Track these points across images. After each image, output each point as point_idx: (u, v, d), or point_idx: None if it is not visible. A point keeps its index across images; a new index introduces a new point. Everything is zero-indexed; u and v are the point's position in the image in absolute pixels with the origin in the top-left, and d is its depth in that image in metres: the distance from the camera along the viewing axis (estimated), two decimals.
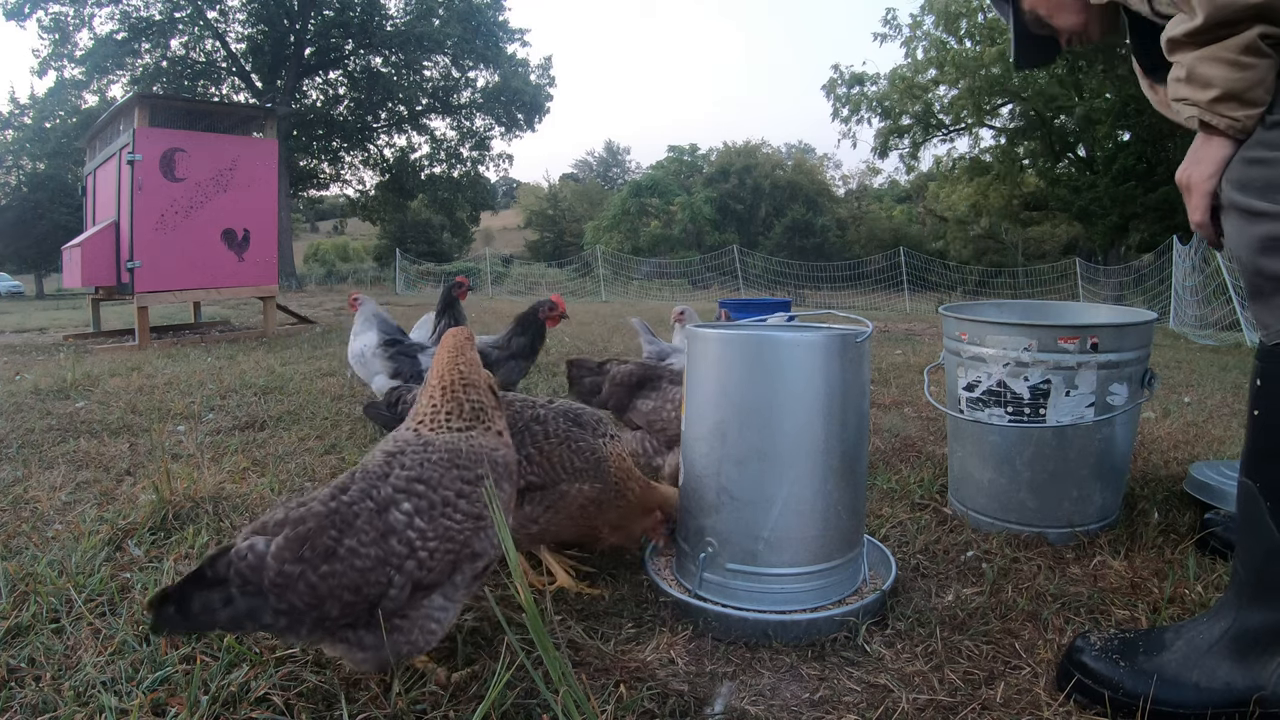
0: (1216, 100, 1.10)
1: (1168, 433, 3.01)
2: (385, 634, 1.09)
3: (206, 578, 1.03)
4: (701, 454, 1.49)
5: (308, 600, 1.03)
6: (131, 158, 5.94)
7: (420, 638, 1.13)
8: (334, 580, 1.04)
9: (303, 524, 1.07)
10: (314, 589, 1.03)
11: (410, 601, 1.11)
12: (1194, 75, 1.11)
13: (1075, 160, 22.42)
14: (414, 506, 1.12)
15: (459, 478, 1.17)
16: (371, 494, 1.12)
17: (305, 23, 22.60)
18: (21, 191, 25.38)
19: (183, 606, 1.01)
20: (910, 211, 38.52)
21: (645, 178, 41.06)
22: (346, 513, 1.09)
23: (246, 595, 1.02)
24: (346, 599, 1.05)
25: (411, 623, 1.12)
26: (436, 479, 1.15)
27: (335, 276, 30.56)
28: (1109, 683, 1.15)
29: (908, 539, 1.85)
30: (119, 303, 7.16)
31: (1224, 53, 1.06)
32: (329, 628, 1.07)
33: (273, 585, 1.02)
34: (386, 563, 1.07)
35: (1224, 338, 8.30)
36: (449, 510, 1.14)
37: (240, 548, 1.05)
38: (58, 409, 3.31)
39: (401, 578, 1.08)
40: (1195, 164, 1.17)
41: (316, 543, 1.05)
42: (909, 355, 5.63)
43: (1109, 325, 1.76)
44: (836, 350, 1.42)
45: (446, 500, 1.14)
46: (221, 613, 1.02)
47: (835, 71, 25.88)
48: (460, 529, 1.14)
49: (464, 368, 1.29)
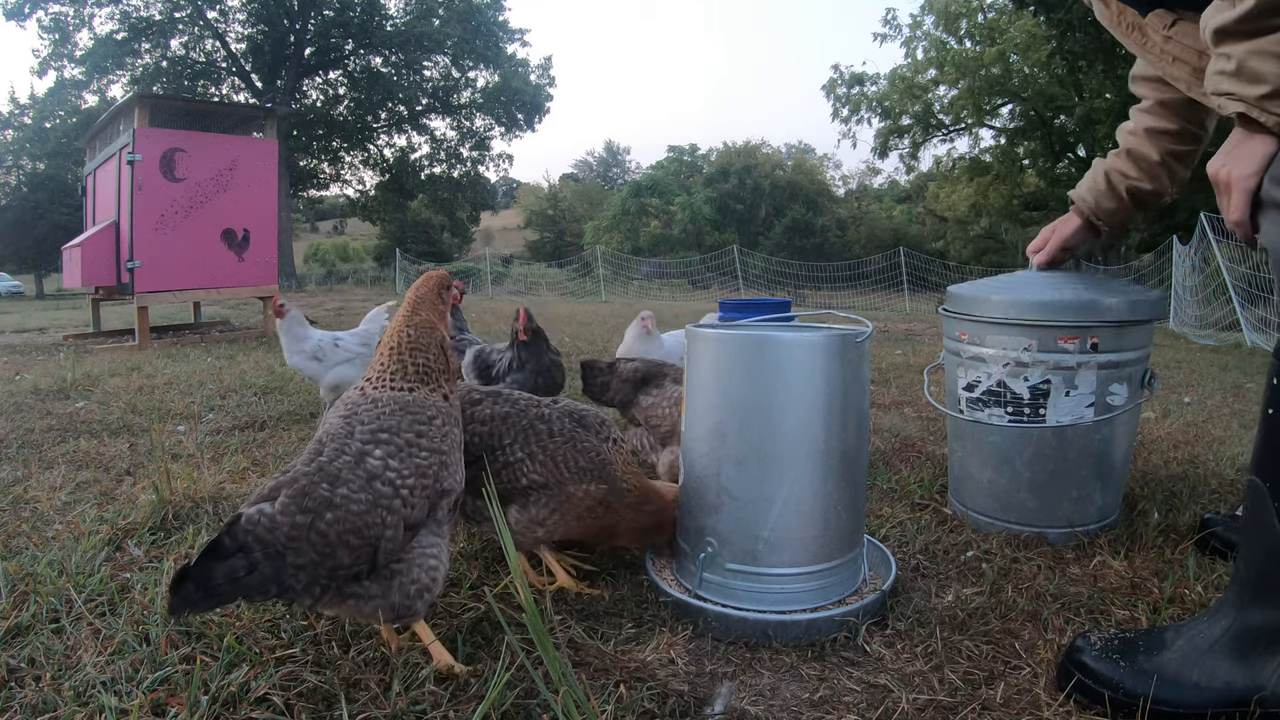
0: (1266, 97, 1.05)
1: (1168, 433, 3.01)
2: (391, 579, 1.16)
3: (225, 547, 1.04)
4: (701, 454, 1.49)
5: (320, 549, 1.08)
6: (131, 158, 5.94)
7: (424, 575, 1.20)
8: (340, 526, 1.10)
9: (296, 483, 1.12)
10: (324, 536, 1.08)
11: (405, 542, 1.19)
12: (1244, 69, 1.06)
13: (1075, 160, 22.41)
14: (385, 452, 1.21)
15: (414, 420, 1.27)
16: (344, 450, 1.20)
17: (305, 23, 22.61)
18: (21, 191, 25.38)
19: (203, 581, 1.01)
20: (910, 211, 38.51)
21: (645, 178, 41.07)
22: (330, 468, 1.16)
23: (269, 559, 1.05)
24: (353, 543, 1.11)
25: (409, 564, 1.19)
26: (395, 425, 1.25)
27: (335, 276, 30.56)
28: (1109, 682, 1.15)
29: (908, 539, 1.85)
30: (119, 303, 7.17)
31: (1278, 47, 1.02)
32: (341, 579, 1.12)
33: (288, 539, 1.06)
34: (378, 504, 1.15)
35: (1224, 338, 8.30)
36: (414, 450, 1.23)
37: (249, 514, 1.07)
38: (58, 409, 3.31)
39: (393, 517, 1.16)
40: (1235, 161, 1.12)
41: (314, 494, 1.11)
42: (909, 355, 5.63)
43: (1109, 324, 1.75)
44: (836, 350, 1.42)
45: (410, 442, 1.24)
46: (246, 580, 1.03)
47: (835, 71, 25.95)
48: (429, 464, 1.23)
49: (413, 330, 1.38)
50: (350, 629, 1.34)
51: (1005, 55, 21.69)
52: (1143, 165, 1.78)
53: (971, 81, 22.37)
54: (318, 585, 1.10)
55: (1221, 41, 1.09)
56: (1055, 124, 22.00)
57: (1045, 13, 14.88)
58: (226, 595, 1.03)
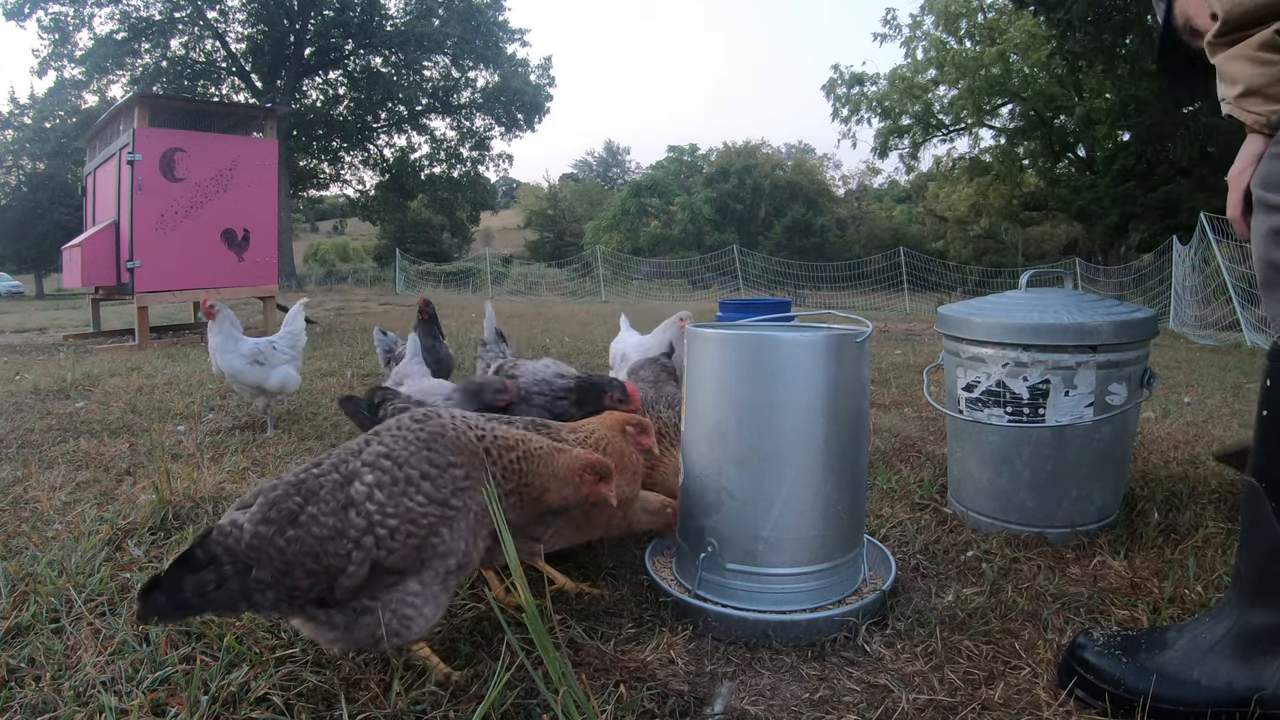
0: (1242, 96, 1.14)
1: (1168, 433, 3.01)
2: (354, 614, 1.09)
3: (198, 559, 1.02)
4: (701, 454, 1.49)
5: (277, 566, 1.04)
6: (131, 158, 5.95)
7: (395, 623, 1.10)
8: (296, 546, 1.04)
9: (274, 491, 1.09)
10: (281, 553, 1.04)
11: (375, 582, 1.09)
12: (1223, 73, 1.16)
13: (1075, 160, 22.43)
14: (375, 479, 1.11)
15: (427, 459, 1.15)
16: (340, 467, 1.13)
17: (305, 23, 22.60)
18: (21, 191, 25.38)
19: (173, 592, 1.01)
20: (910, 211, 38.51)
21: (645, 178, 41.07)
22: (313, 483, 1.10)
23: (238, 574, 1.03)
24: (310, 567, 1.05)
25: (383, 606, 1.10)
26: (404, 457, 1.14)
27: (335, 276, 30.55)
28: (1110, 679, 1.15)
29: (908, 539, 1.84)
30: (119, 303, 7.17)
31: (1245, 50, 1.11)
32: (299, 601, 1.07)
33: (249, 550, 1.03)
34: (344, 535, 1.06)
35: (1224, 338, 8.30)
36: (410, 490, 1.11)
37: (223, 524, 1.06)
38: (58, 409, 3.31)
39: (360, 553, 1.06)
40: (1236, 160, 1.21)
41: (282, 507, 1.06)
42: (909, 355, 5.63)
43: (1096, 347, 1.75)
44: (836, 350, 1.42)
45: (410, 479, 1.12)
46: (216, 594, 1.02)
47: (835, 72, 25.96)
48: (423, 512, 1.11)
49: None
50: None
51: (1005, 55, 21.70)
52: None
53: (971, 81, 22.38)
54: (283, 603, 1.06)
55: (1212, 55, 1.18)
56: (1055, 124, 22.00)
57: (1045, 13, 14.89)
58: (194, 608, 1.02)
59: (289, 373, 3.06)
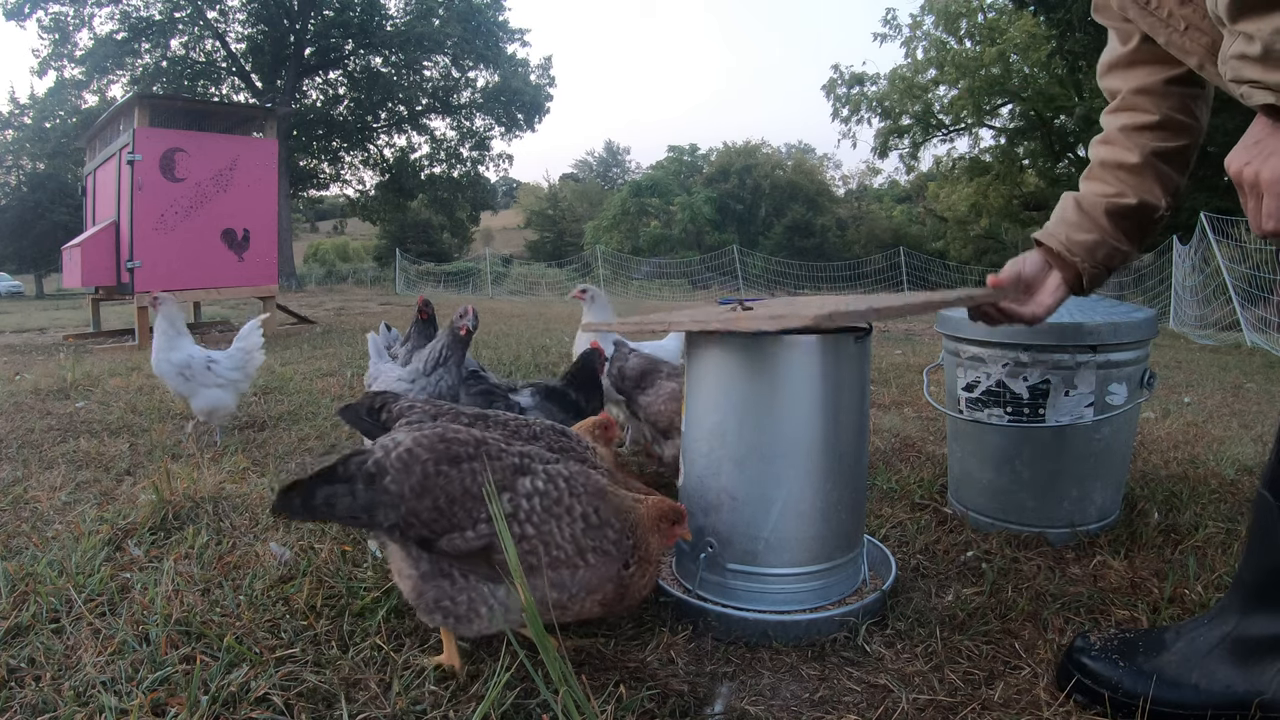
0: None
1: (1168, 433, 3.01)
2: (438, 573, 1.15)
3: (337, 474, 1.13)
4: (701, 454, 1.49)
5: (415, 484, 1.11)
6: (131, 158, 5.95)
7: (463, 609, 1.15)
8: (444, 480, 1.12)
9: (455, 434, 1.18)
10: (427, 477, 1.12)
11: (476, 561, 1.14)
12: (1272, 52, 0.87)
13: (1075, 160, 22.41)
14: (545, 489, 1.16)
15: (595, 507, 1.19)
16: (523, 457, 1.20)
17: (305, 23, 22.61)
18: (21, 191, 25.39)
19: (308, 496, 1.11)
20: (910, 211, 38.49)
21: (645, 178, 41.07)
22: (494, 450, 1.18)
23: (369, 489, 1.11)
24: (440, 504, 1.12)
25: (465, 586, 1.15)
26: (580, 491, 1.19)
27: (335, 276, 30.51)
28: (1109, 682, 1.15)
29: (908, 539, 1.85)
30: (119, 303, 7.17)
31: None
32: (412, 531, 1.13)
33: (398, 459, 1.12)
34: (482, 504, 1.12)
35: (1224, 338, 8.30)
36: (565, 519, 1.15)
37: (373, 446, 1.16)
38: (58, 409, 3.31)
39: (486, 528, 1.12)
40: (1265, 160, 0.91)
41: (454, 447, 1.15)
42: (909, 355, 5.63)
43: (1095, 347, 1.75)
44: (836, 350, 1.42)
45: (570, 509, 1.16)
46: (342, 503, 1.11)
47: (835, 71, 25.94)
48: (560, 545, 1.14)
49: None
50: (348, 629, 1.34)
51: (1005, 55, 21.69)
52: (1121, 174, 1.32)
53: (971, 81, 22.37)
54: (397, 528, 1.13)
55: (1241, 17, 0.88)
56: (1055, 124, 21.99)
57: (1045, 13, 14.88)
58: (321, 514, 1.12)
59: (219, 397, 2.69)
